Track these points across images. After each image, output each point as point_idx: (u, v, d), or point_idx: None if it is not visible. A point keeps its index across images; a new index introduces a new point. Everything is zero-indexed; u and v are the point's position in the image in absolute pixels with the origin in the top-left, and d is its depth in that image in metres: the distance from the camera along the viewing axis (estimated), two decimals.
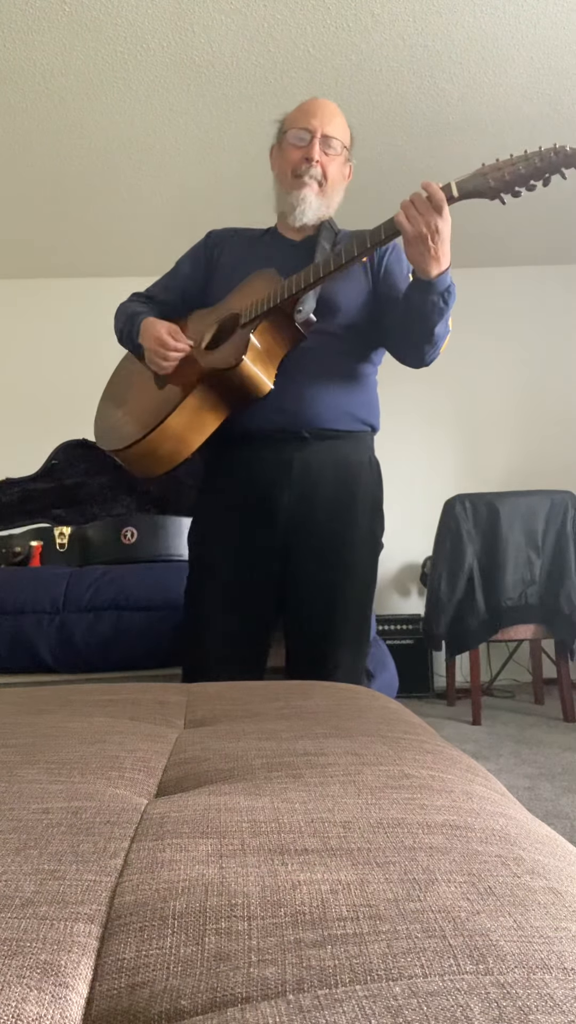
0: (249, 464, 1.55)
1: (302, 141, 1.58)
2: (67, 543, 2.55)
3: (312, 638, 1.55)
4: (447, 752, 0.73)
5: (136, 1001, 0.34)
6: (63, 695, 1.04)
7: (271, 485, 1.53)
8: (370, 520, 1.61)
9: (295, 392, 1.50)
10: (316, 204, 1.59)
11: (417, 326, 1.47)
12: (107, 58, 2.67)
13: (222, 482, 1.60)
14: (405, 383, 4.48)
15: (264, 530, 1.54)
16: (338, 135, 1.60)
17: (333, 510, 1.55)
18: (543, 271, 4.49)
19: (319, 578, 1.54)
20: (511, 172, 1.28)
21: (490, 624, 3.27)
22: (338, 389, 1.56)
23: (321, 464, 1.54)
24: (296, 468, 1.53)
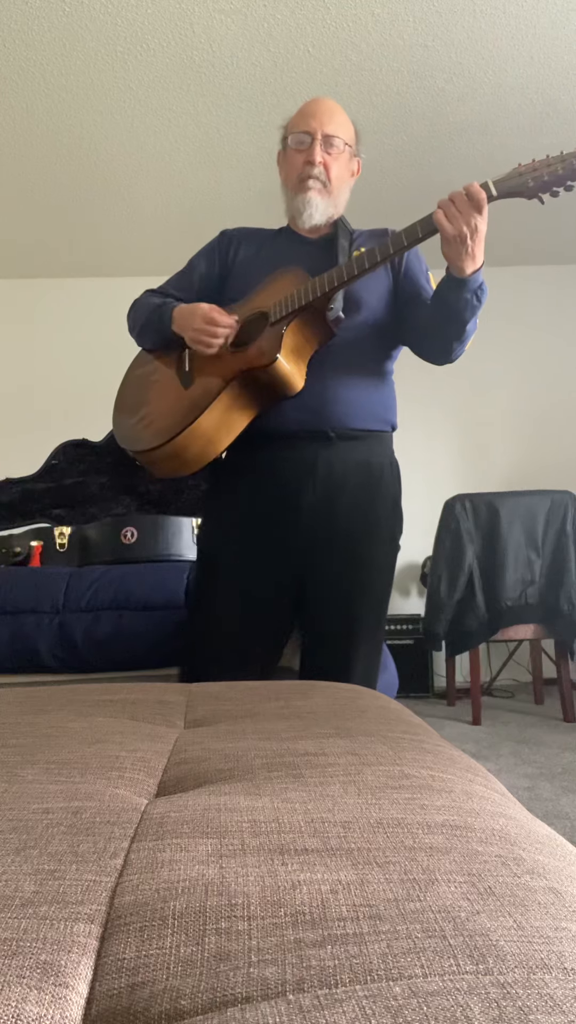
0: (272, 464, 1.53)
1: (303, 144, 1.58)
2: (67, 543, 2.55)
3: (331, 639, 1.55)
4: (447, 752, 0.73)
5: (136, 1001, 0.34)
6: (63, 695, 1.04)
7: (295, 485, 1.52)
8: (390, 521, 1.63)
9: (320, 391, 1.49)
10: (323, 206, 1.59)
11: (450, 323, 1.49)
12: (107, 58, 2.67)
13: (242, 481, 1.57)
14: (405, 383, 4.48)
15: (286, 530, 1.53)
16: (339, 133, 1.59)
17: (355, 512, 1.55)
18: (544, 271, 4.49)
19: (340, 579, 1.54)
20: (550, 173, 1.31)
21: (490, 624, 3.27)
22: (362, 388, 1.56)
23: (345, 465, 1.53)
24: (320, 469, 1.52)
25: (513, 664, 4.05)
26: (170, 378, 1.57)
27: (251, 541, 1.55)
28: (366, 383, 1.57)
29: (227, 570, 1.57)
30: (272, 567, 1.54)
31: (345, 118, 1.63)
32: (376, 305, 1.57)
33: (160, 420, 1.51)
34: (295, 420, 1.50)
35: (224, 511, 1.61)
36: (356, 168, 1.67)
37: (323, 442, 1.52)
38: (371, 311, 1.56)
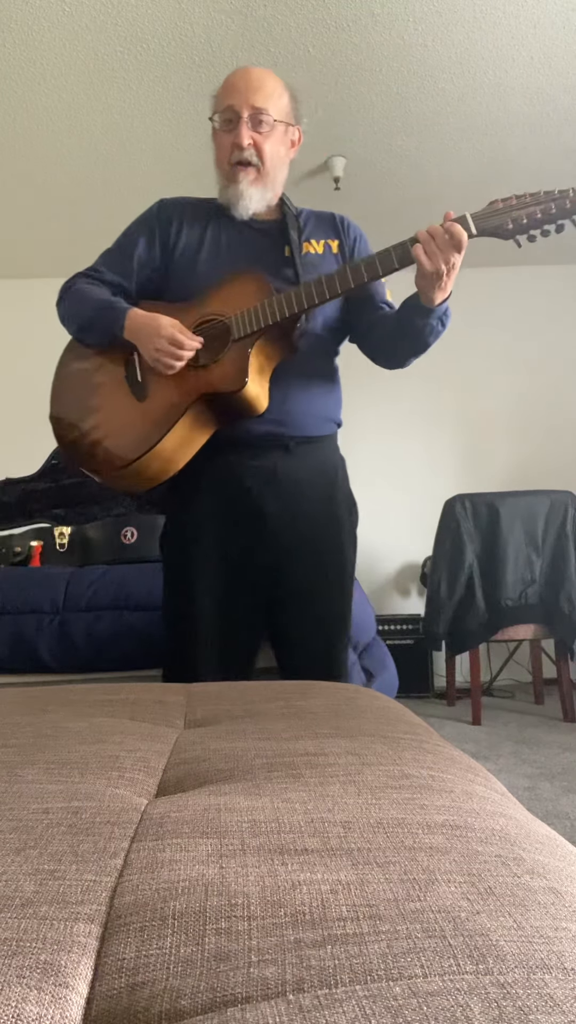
0: (233, 471, 1.50)
1: (230, 124, 1.47)
2: (67, 543, 2.55)
3: (306, 640, 1.55)
4: (447, 752, 0.73)
5: (136, 1001, 0.34)
6: (63, 695, 1.04)
7: (258, 491, 1.50)
8: (349, 517, 1.63)
9: (280, 401, 1.47)
10: (257, 195, 1.50)
11: (412, 344, 1.49)
12: (107, 58, 2.67)
13: (205, 486, 1.52)
14: (406, 383, 4.48)
15: (252, 538, 1.52)
16: (267, 105, 1.46)
17: (317, 512, 1.55)
18: (544, 271, 4.49)
19: (310, 582, 1.54)
20: (528, 215, 1.30)
21: (490, 624, 3.27)
22: (317, 394, 1.55)
23: (305, 471, 1.52)
24: (281, 476, 1.50)
25: (513, 664, 4.05)
26: (118, 385, 1.48)
27: (219, 547, 1.52)
28: (321, 387, 1.56)
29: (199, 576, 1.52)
30: (243, 577, 1.53)
31: (276, 86, 1.49)
32: (329, 308, 1.53)
33: (116, 437, 1.44)
34: (256, 430, 1.47)
35: (188, 522, 1.55)
36: (296, 138, 1.55)
37: (283, 451, 1.50)
38: (325, 315, 1.54)
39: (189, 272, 1.52)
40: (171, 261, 1.54)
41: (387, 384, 4.48)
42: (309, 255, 1.55)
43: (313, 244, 1.57)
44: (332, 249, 1.58)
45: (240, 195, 1.49)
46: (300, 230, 1.56)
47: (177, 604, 1.57)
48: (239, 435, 1.48)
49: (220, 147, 1.51)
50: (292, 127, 1.54)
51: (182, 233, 1.55)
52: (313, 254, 1.56)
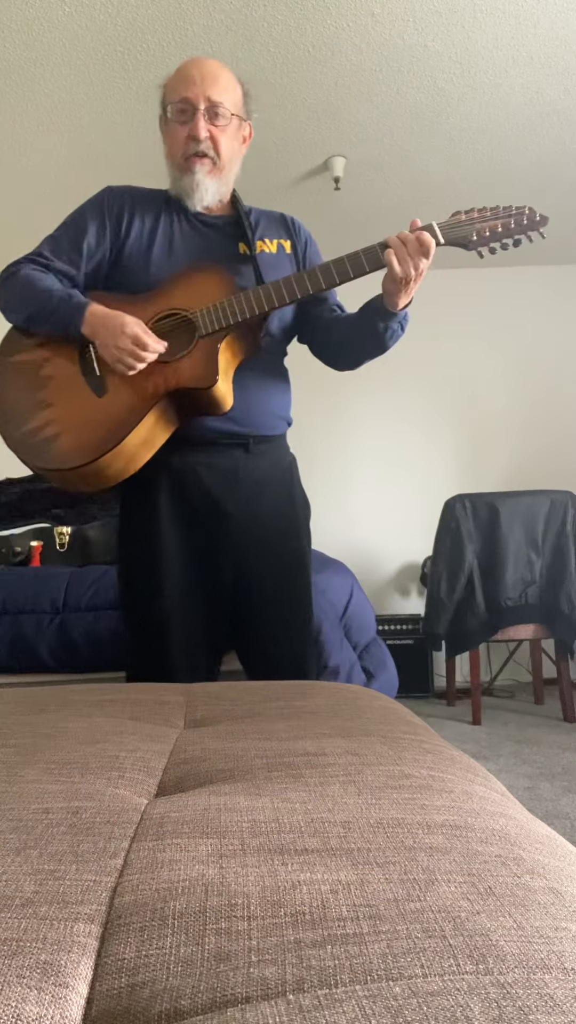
0: (195, 469, 1.49)
1: (184, 116, 1.44)
2: (67, 543, 2.55)
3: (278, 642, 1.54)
4: (447, 752, 0.73)
5: (136, 1001, 0.34)
6: (63, 695, 1.04)
7: (219, 490, 1.49)
8: (304, 515, 1.63)
9: (240, 400, 1.46)
10: (213, 187, 1.48)
11: (372, 346, 1.50)
12: (107, 58, 2.67)
13: (164, 485, 1.50)
14: (405, 383, 4.50)
15: (215, 537, 1.51)
16: (223, 99, 1.44)
17: (278, 510, 1.55)
18: (543, 271, 4.49)
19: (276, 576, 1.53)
20: (491, 229, 1.37)
21: (490, 624, 3.27)
22: (273, 393, 1.55)
23: (263, 469, 1.53)
24: (242, 475, 1.50)
25: (513, 664, 4.05)
26: (73, 379, 1.41)
27: (180, 546, 1.50)
28: (277, 387, 1.56)
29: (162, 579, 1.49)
30: (205, 574, 1.52)
31: (230, 79, 1.48)
32: (286, 311, 1.54)
33: (73, 435, 1.37)
34: (217, 428, 1.46)
35: (146, 520, 1.51)
36: (248, 133, 1.54)
37: (242, 449, 1.50)
38: (281, 317, 1.54)
39: (142, 264, 1.47)
40: (121, 251, 1.49)
41: (387, 384, 4.49)
42: (264, 254, 1.54)
43: (267, 243, 1.56)
44: (285, 249, 1.58)
45: (196, 185, 1.47)
46: (253, 228, 1.55)
47: (140, 606, 1.54)
48: (199, 433, 1.46)
49: (174, 138, 1.47)
50: (245, 122, 1.52)
51: (133, 224, 1.50)
52: (268, 253, 1.55)
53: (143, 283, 1.45)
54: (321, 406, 4.28)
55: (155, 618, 1.50)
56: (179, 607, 1.50)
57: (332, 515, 4.11)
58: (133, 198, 1.53)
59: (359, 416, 4.38)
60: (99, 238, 1.49)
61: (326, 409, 4.31)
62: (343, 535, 4.13)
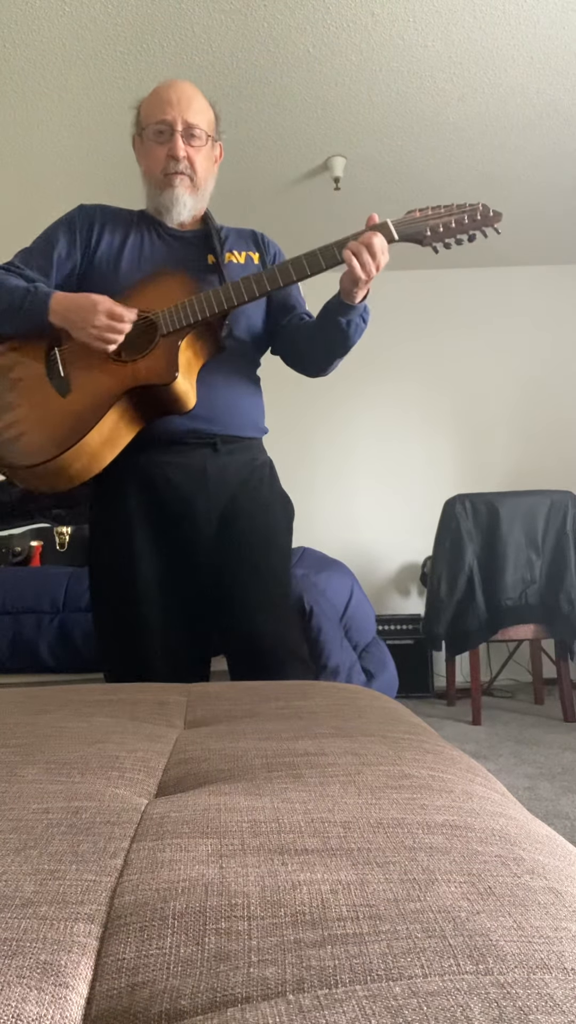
0: (162, 468, 1.49)
1: (163, 136, 1.51)
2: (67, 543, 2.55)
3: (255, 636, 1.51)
4: (447, 752, 0.73)
5: (136, 1001, 0.34)
6: (63, 695, 1.04)
7: (187, 492, 1.49)
8: (284, 512, 1.62)
9: (206, 399, 1.47)
10: (191, 202, 1.55)
11: (337, 343, 1.52)
12: (107, 58, 2.67)
13: (132, 485, 1.50)
14: (405, 384, 4.50)
15: (183, 532, 1.50)
16: (199, 121, 1.51)
17: (252, 511, 1.54)
18: (543, 271, 4.49)
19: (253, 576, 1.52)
20: (444, 224, 1.40)
21: (490, 624, 3.27)
22: (244, 396, 1.57)
23: (233, 469, 1.53)
24: (211, 475, 1.50)
25: (513, 664, 4.05)
26: (39, 380, 1.44)
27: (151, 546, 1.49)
28: (246, 390, 1.58)
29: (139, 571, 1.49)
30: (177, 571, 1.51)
31: (204, 102, 1.55)
32: (253, 316, 1.57)
33: (36, 433, 1.39)
34: (183, 426, 1.48)
35: (116, 523, 1.52)
36: (218, 154, 1.61)
37: (209, 449, 1.51)
38: (249, 322, 1.56)
39: (110, 274, 1.52)
40: (91, 263, 1.55)
41: (387, 384, 4.49)
42: (232, 264, 1.58)
43: (235, 255, 1.61)
44: (253, 260, 1.62)
45: (175, 200, 1.53)
46: (222, 242, 1.60)
47: (115, 608, 1.53)
48: (165, 432, 1.48)
49: (152, 157, 1.53)
50: (216, 143, 1.60)
51: (103, 237, 1.56)
52: (236, 263, 1.59)
53: (111, 291, 1.47)
54: (321, 407, 4.28)
55: (131, 621, 1.49)
56: (156, 609, 1.49)
57: (332, 515, 4.11)
58: (104, 214, 1.60)
59: (359, 417, 4.38)
60: (69, 250, 1.55)
61: (326, 410, 4.31)
62: (343, 535, 4.13)
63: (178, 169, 1.51)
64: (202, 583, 1.52)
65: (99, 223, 1.57)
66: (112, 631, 1.55)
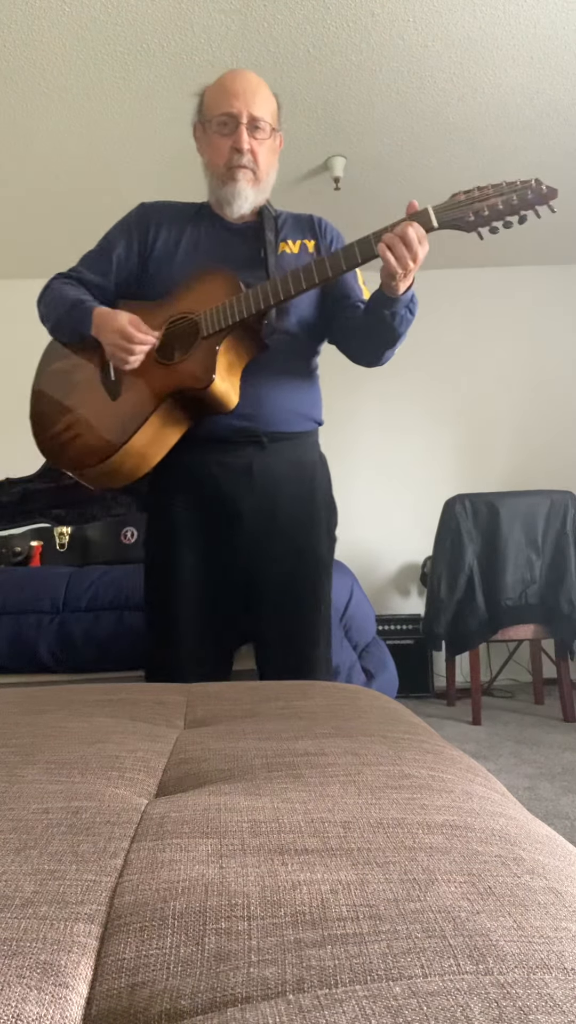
0: (209, 468, 1.52)
1: (227, 128, 1.50)
2: (67, 543, 2.55)
3: (289, 638, 1.54)
4: (447, 752, 0.73)
5: (136, 1001, 0.34)
6: (63, 695, 1.04)
7: (233, 488, 1.51)
8: (327, 517, 1.63)
9: (253, 396, 1.48)
10: (252, 196, 1.54)
11: (384, 335, 1.49)
12: (107, 58, 2.67)
13: (182, 484, 1.54)
14: (405, 383, 4.49)
15: (229, 532, 1.52)
16: (264, 114, 1.51)
17: (295, 510, 1.55)
18: (543, 271, 4.49)
19: (289, 579, 1.54)
20: (490, 207, 1.30)
21: (490, 624, 3.27)
22: (292, 390, 1.56)
23: (280, 466, 1.53)
24: (256, 471, 1.51)
25: (513, 664, 4.05)
26: (94, 384, 1.52)
27: (199, 542, 1.53)
28: (296, 385, 1.57)
29: (180, 571, 1.54)
30: (222, 568, 1.53)
31: (268, 93, 1.55)
32: (305, 307, 1.55)
33: (89, 435, 1.47)
34: (229, 426, 1.49)
35: (166, 519, 1.57)
36: (278, 144, 1.60)
37: (256, 446, 1.51)
38: (300, 313, 1.55)
39: (165, 272, 1.54)
40: (148, 261, 1.57)
41: (387, 384, 4.49)
42: (284, 254, 1.57)
43: (289, 244, 1.59)
44: (308, 248, 1.60)
45: (237, 193, 1.53)
46: (277, 231, 1.59)
47: (156, 604, 1.58)
48: (213, 431, 1.50)
49: (216, 148, 1.52)
50: (278, 133, 1.59)
51: (160, 235, 1.58)
52: (289, 254, 1.58)
53: (165, 289, 1.52)
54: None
55: (165, 618, 1.54)
56: (190, 607, 1.52)
57: None
58: (161, 212, 1.62)
59: (359, 416, 4.38)
60: (128, 251, 1.59)
61: (326, 409, 4.30)
62: (343, 535, 4.11)
63: (241, 162, 1.50)
64: (239, 580, 1.55)
65: (156, 222, 1.59)
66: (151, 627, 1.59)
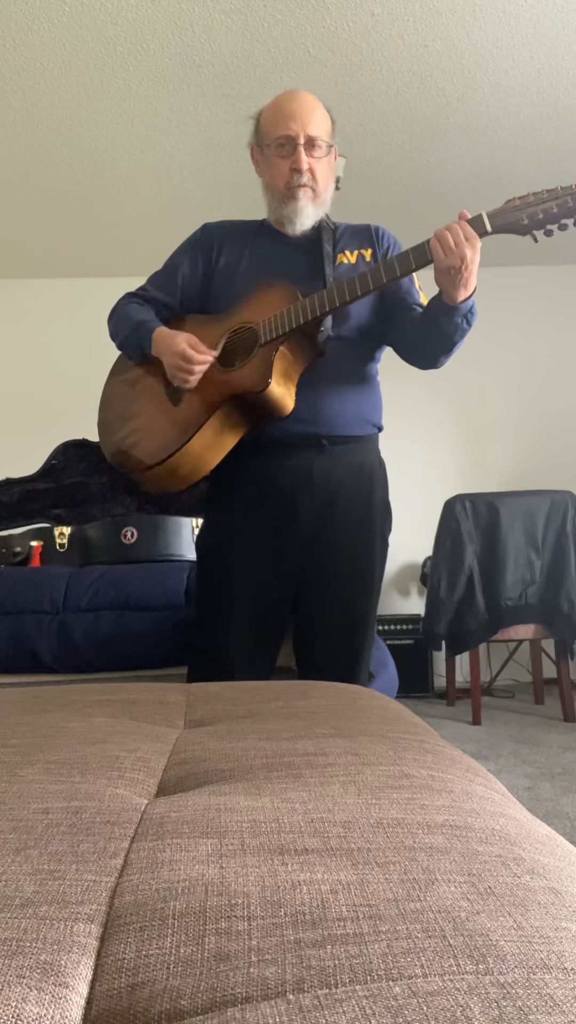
0: (268, 472, 1.55)
1: (285, 150, 1.54)
2: (67, 543, 2.55)
3: (335, 639, 1.58)
4: (447, 752, 0.73)
5: (136, 1001, 0.34)
6: (63, 695, 1.04)
7: (292, 492, 1.54)
8: (383, 522, 1.66)
9: (312, 401, 1.51)
10: (313, 212, 1.58)
11: (439, 342, 1.52)
12: (107, 58, 2.67)
13: (239, 489, 1.59)
14: (405, 383, 4.47)
15: (287, 537, 1.56)
16: (320, 132, 1.55)
17: (352, 515, 1.58)
18: (543, 271, 4.49)
19: (340, 582, 1.57)
20: (544, 210, 1.33)
21: (490, 624, 3.27)
22: (351, 395, 1.58)
23: (340, 471, 1.56)
24: (316, 476, 1.54)
25: (513, 664, 4.05)
26: (157, 392, 1.58)
27: (254, 547, 1.56)
28: (355, 389, 1.59)
29: (233, 577, 1.58)
30: (275, 573, 1.57)
31: (323, 112, 1.58)
32: (363, 312, 1.58)
33: (150, 439, 1.53)
34: (288, 430, 1.52)
35: (223, 518, 1.62)
36: (335, 158, 1.65)
37: (316, 450, 1.54)
38: (358, 318, 1.57)
39: (228, 287, 1.61)
40: (212, 278, 1.64)
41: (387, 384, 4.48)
42: (343, 265, 1.61)
43: (347, 255, 1.63)
44: (365, 258, 1.63)
45: (298, 212, 1.57)
46: (335, 243, 1.63)
47: (212, 603, 1.62)
48: (273, 436, 1.53)
49: (276, 170, 1.57)
50: (334, 148, 1.62)
51: (223, 253, 1.65)
52: (347, 264, 1.61)
53: (228, 303, 1.58)
54: None
55: (224, 618, 1.58)
56: (248, 609, 1.56)
57: None
58: (224, 231, 1.69)
59: None
60: (192, 270, 1.66)
61: None
62: None
63: (302, 182, 1.54)
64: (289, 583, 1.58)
65: (219, 241, 1.66)
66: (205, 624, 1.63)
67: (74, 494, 2.73)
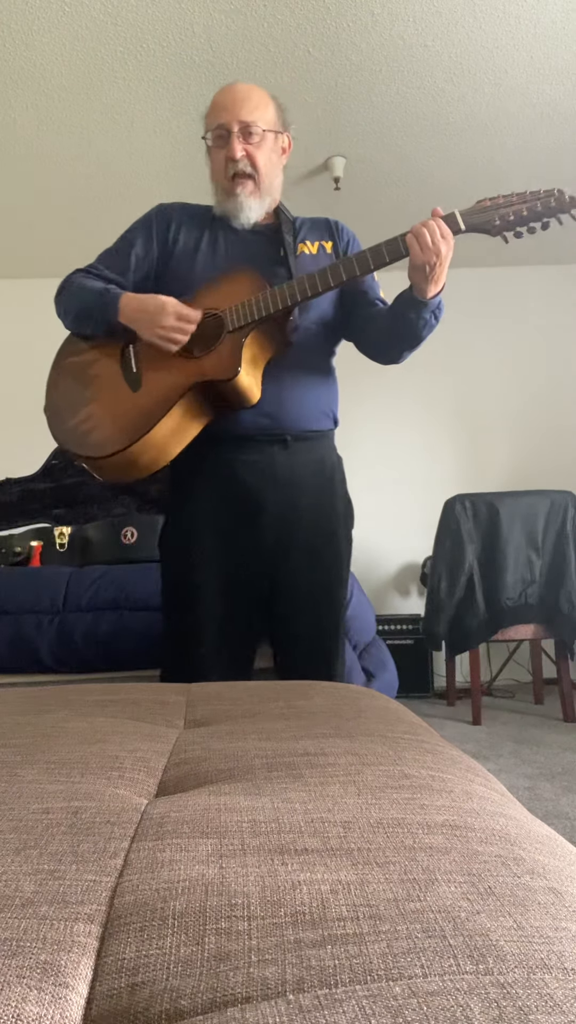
0: (231, 466, 1.53)
1: (221, 140, 1.53)
2: (67, 543, 2.55)
3: (304, 637, 1.56)
4: (447, 752, 0.73)
5: (136, 1001, 0.34)
6: (63, 695, 1.04)
7: (256, 487, 1.52)
8: (346, 517, 1.65)
9: (275, 395, 1.50)
10: (256, 204, 1.56)
11: (406, 337, 1.52)
12: (107, 58, 2.67)
13: (203, 482, 1.55)
14: (405, 383, 4.49)
15: (251, 530, 1.53)
16: (255, 118, 1.52)
17: (317, 510, 1.57)
18: (543, 271, 4.49)
19: (307, 578, 1.55)
20: (515, 212, 1.36)
21: (490, 624, 3.27)
22: (314, 388, 1.57)
23: (302, 466, 1.55)
24: (279, 471, 1.52)
25: (513, 664, 4.05)
26: (114, 376, 1.51)
27: (220, 540, 1.54)
28: (316, 382, 1.59)
29: (201, 568, 1.54)
30: (243, 567, 1.54)
31: (261, 98, 1.55)
32: (324, 305, 1.57)
33: (109, 426, 1.47)
34: (251, 424, 1.50)
35: (186, 514, 1.58)
36: (286, 144, 1.61)
37: (280, 445, 1.53)
38: (320, 311, 1.57)
39: (186, 272, 1.56)
40: (168, 261, 1.59)
41: (387, 383, 4.49)
42: (304, 255, 1.59)
43: (308, 245, 1.62)
44: (326, 249, 1.62)
45: (240, 207, 1.55)
46: (295, 233, 1.61)
47: (177, 604, 1.58)
48: (235, 429, 1.51)
49: (215, 162, 1.56)
50: (281, 134, 1.59)
51: (180, 235, 1.59)
52: (307, 254, 1.60)
53: (186, 289, 1.52)
54: None
55: (189, 618, 1.55)
56: (214, 608, 1.53)
57: None
58: (181, 213, 1.63)
59: (359, 416, 4.38)
60: (146, 249, 1.60)
61: None
62: None
63: (237, 170, 1.52)
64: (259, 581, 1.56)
65: (176, 222, 1.61)
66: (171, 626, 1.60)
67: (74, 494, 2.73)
